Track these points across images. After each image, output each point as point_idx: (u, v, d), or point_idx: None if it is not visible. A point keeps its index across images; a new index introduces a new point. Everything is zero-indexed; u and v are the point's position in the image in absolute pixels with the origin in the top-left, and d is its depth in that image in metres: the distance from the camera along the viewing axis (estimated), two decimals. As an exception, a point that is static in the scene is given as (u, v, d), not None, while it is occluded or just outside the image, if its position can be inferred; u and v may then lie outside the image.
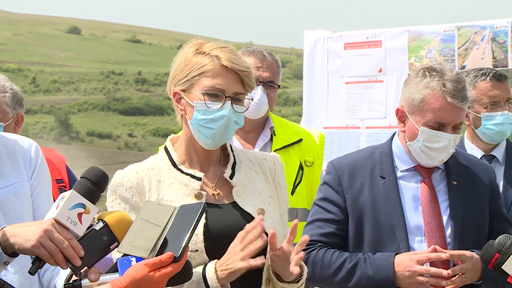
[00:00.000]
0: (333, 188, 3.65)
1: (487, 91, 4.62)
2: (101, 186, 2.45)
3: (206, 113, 2.89)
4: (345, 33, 6.45)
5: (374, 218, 3.56)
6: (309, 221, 3.69)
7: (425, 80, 3.52)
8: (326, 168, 3.75)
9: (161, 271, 2.34)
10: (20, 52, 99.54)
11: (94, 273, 2.38)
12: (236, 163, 3.01)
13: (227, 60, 2.89)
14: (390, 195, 3.57)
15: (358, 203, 3.59)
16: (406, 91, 3.61)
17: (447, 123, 3.50)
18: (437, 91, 3.49)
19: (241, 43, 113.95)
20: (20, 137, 2.90)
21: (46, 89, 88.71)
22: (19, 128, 4.43)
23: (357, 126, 6.28)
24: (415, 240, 3.54)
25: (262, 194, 2.99)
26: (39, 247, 2.34)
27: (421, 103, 3.52)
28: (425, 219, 3.54)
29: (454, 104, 3.48)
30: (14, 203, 2.76)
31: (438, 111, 3.49)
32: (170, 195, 2.89)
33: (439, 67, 3.56)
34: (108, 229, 2.41)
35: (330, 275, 3.58)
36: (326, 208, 3.64)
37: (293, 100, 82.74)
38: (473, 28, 5.81)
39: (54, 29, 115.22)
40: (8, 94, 4.35)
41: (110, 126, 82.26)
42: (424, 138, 3.52)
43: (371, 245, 3.56)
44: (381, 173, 3.62)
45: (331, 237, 3.62)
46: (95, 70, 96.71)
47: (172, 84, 2.96)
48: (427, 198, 3.57)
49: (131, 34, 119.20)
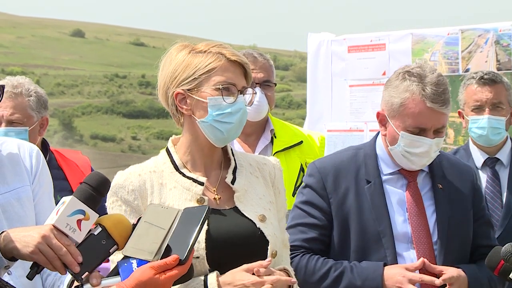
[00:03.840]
0: (316, 192, 3.56)
1: (473, 94, 4.62)
2: (102, 192, 2.44)
3: (222, 108, 2.90)
4: (348, 36, 6.45)
5: (360, 224, 3.49)
6: (290, 225, 3.58)
7: (404, 83, 3.44)
8: (308, 170, 3.65)
9: (166, 274, 2.34)
10: (23, 55, 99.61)
11: (95, 277, 2.38)
12: (237, 168, 3.01)
13: (232, 54, 2.94)
14: (376, 200, 3.50)
15: (343, 208, 3.51)
16: (386, 94, 3.54)
17: (427, 128, 3.43)
18: (416, 96, 3.41)
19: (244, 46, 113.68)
20: (22, 142, 2.90)
21: (50, 92, 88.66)
22: (44, 131, 4.44)
23: (361, 129, 6.28)
24: (402, 247, 3.48)
25: (263, 199, 3.00)
26: (37, 253, 2.34)
27: (400, 107, 3.44)
28: (413, 225, 3.48)
29: (433, 109, 3.41)
30: (16, 208, 2.76)
31: (418, 116, 3.41)
32: (172, 199, 2.89)
33: (418, 70, 3.46)
34: (107, 233, 2.41)
35: (315, 283, 3.52)
36: (309, 212, 3.55)
37: (297, 103, 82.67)
38: (476, 31, 5.81)
39: (58, 32, 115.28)
40: (32, 98, 4.35)
41: (113, 129, 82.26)
42: (404, 143, 3.44)
43: (357, 252, 3.50)
44: (366, 176, 3.54)
45: (314, 242, 3.55)
46: (99, 73, 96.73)
47: (173, 86, 2.95)
48: (413, 203, 3.51)
49: (134, 37, 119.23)
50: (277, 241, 2.94)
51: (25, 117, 4.31)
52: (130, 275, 2.36)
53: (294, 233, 3.55)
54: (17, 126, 4.29)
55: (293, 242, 3.52)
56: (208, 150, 2.98)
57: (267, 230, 2.91)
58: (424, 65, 3.51)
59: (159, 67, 3.03)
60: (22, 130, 4.27)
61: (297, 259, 3.52)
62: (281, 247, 3.00)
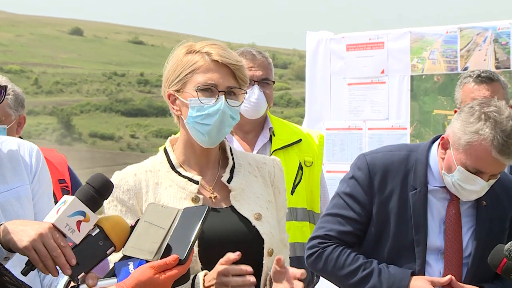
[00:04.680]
0: (362, 187, 3.57)
1: (469, 92, 4.59)
2: (104, 194, 2.42)
3: (200, 109, 2.87)
4: (347, 35, 6.45)
5: (398, 228, 3.52)
6: (330, 213, 3.62)
7: (478, 124, 3.34)
8: (357, 161, 3.63)
9: (166, 274, 2.34)
10: (22, 53, 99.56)
11: (91, 278, 2.36)
12: (235, 167, 2.99)
13: (217, 55, 2.89)
14: (417, 208, 3.51)
15: (385, 209, 3.53)
16: (456, 124, 3.44)
17: (485, 172, 3.40)
18: (485, 142, 3.33)
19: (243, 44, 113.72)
20: (22, 141, 2.90)
21: (49, 91, 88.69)
22: (21, 129, 4.43)
23: (360, 127, 6.29)
24: (432, 258, 3.52)
25: (260, 198, 2.98)
26: (30, 250, 2.33)
27: (466, 145, 3.37)
28: (447, 240, 3.51)
29: (498, 159, 3.36)
30: (16, 207, 2.75)
31: (480, 161, 3.37)
32: (167, 198, 2.88)
33: (495, 115, 3.35)
34: (104, 234, 2.40)
35: (342, 276, 3.57)
36: (351, 205, 3.57)
37: (296, 101, 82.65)
38: (475, 29, 5.81)
39: (57, 30, 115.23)
40: (10, 96, 4.34)
41: (112, 127, 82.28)
42: (459, 177, 3.41)
43: (389, 254, 3.54)
44: (413, 183, 3.53)
45: (349, 236, 3.58)
46: (98, 72, 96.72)
47: (166, 86, 2.95)
48: (451, 219, 3.53)
49: (133, 35, 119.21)
50: (274, 239, 2.92)
51: (3, 115, 4.30)
52: (130, 274, 2.36)
53: (332, 222, 3.60)
54: None
55: (329, 231, 3.58)
56: (200, 150, 2.96)
57: (262, 228, 2.89)
58: (502, 108, 3.40)
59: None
60: (0, 128, 4.27)
61: (330, 249, 3.57)
62: (280, 247, 2.98)
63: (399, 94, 6.12)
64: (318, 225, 3.68)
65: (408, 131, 6.07)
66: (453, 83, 5.85)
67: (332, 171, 6.17)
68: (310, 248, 3.61)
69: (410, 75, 6.07)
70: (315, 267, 3.63)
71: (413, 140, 6.03)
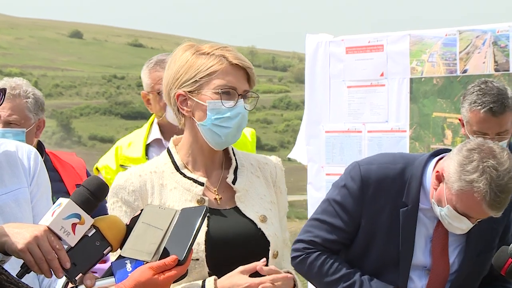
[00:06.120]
0: (353, 199, 3.54)
1: (478, 122, 4.45)
2: (99, 197, 2.42)
3: (221, 112, 2.88)
4: (347, 37, 6.45)
5: (385, 243, 3.52)
6: (318, 218, 3.62)
7: (473, 175, 3.25)
8: (351, 170, 3.60)
9: (165, 274, 2.34)
10: (22, 56, 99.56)
11: (89, 279, 2.37)
12: (238, 168, 3.00)
13: (234, 58, 2.91)
14: (407, 225, 3.49)
15: (375, 223, 3.52)
16: (453, 164, 3.33)
17: (473, 218, 3.38)
18: (478, 195, 3.25)
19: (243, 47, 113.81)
20: (20, 143, 2.89)
21: (48, 93, 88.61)
22: (40, 133, 4.42)
23: (359, 130, 6.29)
24: (417, 274, 3.53)
25: (264, 199, 2.99)
26: (25, 252, 2.32)
27: (458, 191, 3.30)
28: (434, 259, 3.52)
29: (487, 212, 3.32)
30: (14, 209, 2.74)
31: (469, 209, 3.32)
32: (173, 200, 2.88)
33: (493, 171, 3.24)
34: (100, 235, 2.40)
35: (324, 284, 3.58)
36: (340, 214, 3.56)
37: (295, 104, 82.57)
38: (474, 32, 5.81)
39: (56, 33, 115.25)
40: (30, 99, 4.34)
41: (112, 130, 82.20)
42: (447, 213, 3.38)
43: (373, 266, 3.54)
44: (405, 199, 3.50)
45: (334, 244, 3.59)
46: (97, 74, 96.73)
47: (175, 87, 2.93)
48: (439, 238, 3.53)
49: (133, 38, 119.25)
50: (278, 241, 2.94)
51: (23, 119, 4.30)
52: (129, 275, 2.36)
53: (319, 228, 3.59)
54: (15, 128, 4.29)
55: (315, 237, 3.59)
56: (209, 151, 2.97)
57: (267, 231, 2.90)
58: (502, 161, 3.28)
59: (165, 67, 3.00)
60: (19, 131, 4.27)
61: (314, 256, 3.58)
62: (282, 247, 3.00)
63: (399, 96, 6.12)
64: (305, 228, 3.67)
65: (408, 134, 6.06)
66: (453, 85, 5.86)
67: (332, 174, 6.17)
68: (294, 251, 3.61)
69: (410, 77, 6.07)
70: (299, 270, 3.62)
71: (412, 142, 6.03)
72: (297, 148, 6.84)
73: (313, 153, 6.49)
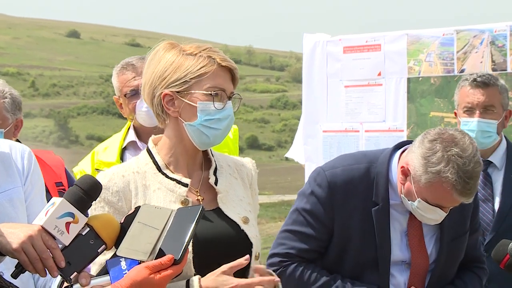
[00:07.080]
0: (322, 205, 3.50)
1: (465, 96, 4.57)
2: (92, 196, 2.42)
3: (211, 113, 2.87)
4: (344, 37, 6.46)
5: (361, 245, 3.48)
6: (290, 229, 3.57)
7: (439, 166, 3.22)
8: (316, 177, 3.57)
9: (161, 274, 2.34)
10: (19, 56, 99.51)
11: (84, 277, 2.37)
12: (217, 169, 2.99)
13: (222, 60, 2.89)
14: (380, 224, 3.47)
15: (348, 226, 3.48)
16: (416, 158, 3.30)
17: (446, 207, 3.36)
18: (447, 185, 3.23)
19: (240, 47, 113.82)
20: (13, 143, 2.89)
21: (45, 93, 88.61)
22: (18, 132, 4.41)
23: (357, 129, 6.29)
24: (398, 269, 3.51)
25: (243, 201, 2.99)
26: (20, 252, 2.32)
27: (426, 183, 3.27)
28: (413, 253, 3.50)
29: (458, 200, 3.31)
30: (8, 209, 2.74)
31: (441, 199, 3.31)
32: (157, 201, 2.85)
33: (458, 158, 3.21)
34: (95, 233, 2.40)
35: None
36: (311, 223, 3.52)
37: (292, 103, 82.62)
38: (472, 31, 5.82)
39: (53, 33, 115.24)
40: (7, 99, 4.32)
41: (109, 129, 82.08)
42: (419, 206, 3.36)
43: (352, 269, 3.51)
44: (375, 198, 3.47)
45: (310, 253, 3.55)
46: (95, 74, 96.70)
47: (161, 87, 2.88)
48: (414, 231, 3.52)
49: (130, 38, 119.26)
50: (259, 243, 2.94)
51: (0, 119, 4.29)
52: (125, 275, 2.36)
53: (292, 239, 3.55)
54: None
55: (290, 249, 3.54)
56: (192, 152, 2.95)
57: (250, 232, 2.90)
58: (465, 147, 3.25)
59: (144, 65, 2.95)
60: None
61: (292, 268, 3.53)
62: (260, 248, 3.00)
63: (396, 96, 6.13)
64: (278, 241, 3.62)
65: (405, 133, 6.07)
66: (450, 85, 5.86)
67: (329, 173, 6.16)
68: (270, 265, 3.55)
69: (407, 77, 6.08)
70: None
71: (409, 142, 6.03)
72: (295, 148, 6.84)
73: (310, 152, 6.50)
